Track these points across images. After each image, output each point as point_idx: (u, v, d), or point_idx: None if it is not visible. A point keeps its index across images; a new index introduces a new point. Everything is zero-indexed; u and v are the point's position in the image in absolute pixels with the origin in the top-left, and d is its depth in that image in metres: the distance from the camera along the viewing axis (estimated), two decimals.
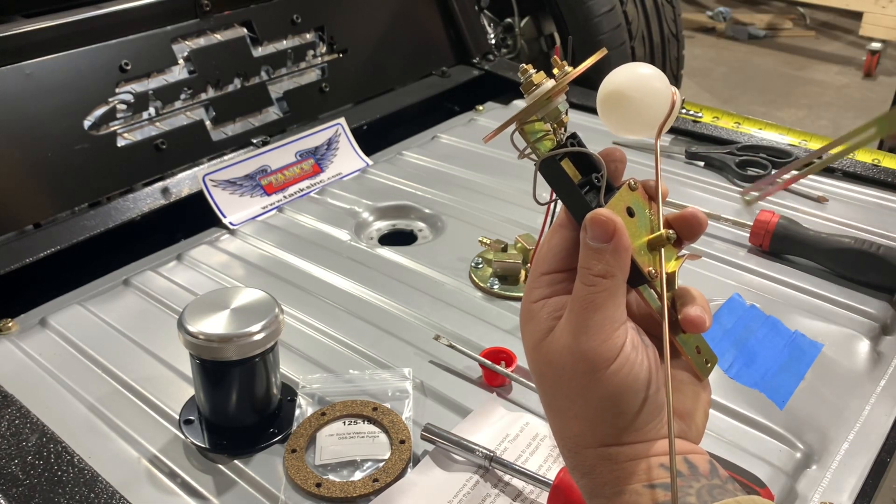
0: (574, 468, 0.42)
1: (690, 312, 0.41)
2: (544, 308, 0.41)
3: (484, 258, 0.89)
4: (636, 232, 0.41)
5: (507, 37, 1.61)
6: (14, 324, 0.79)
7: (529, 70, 0.41)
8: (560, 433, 0.42)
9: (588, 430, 0.40)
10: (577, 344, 0.39)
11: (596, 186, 0.41)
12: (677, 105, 0.42)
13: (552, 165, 0.41)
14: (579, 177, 0.41)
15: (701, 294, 0.42)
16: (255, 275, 0.88)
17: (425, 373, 0.73)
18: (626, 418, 0.39)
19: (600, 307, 0.39)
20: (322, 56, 1.23)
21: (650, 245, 0.41)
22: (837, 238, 0.85)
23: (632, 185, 0.42)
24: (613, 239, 0.39)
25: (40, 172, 0.93)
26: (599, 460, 0.40)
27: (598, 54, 0.42)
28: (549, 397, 0.42)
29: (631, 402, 0.39)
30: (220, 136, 1.10)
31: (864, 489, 0.61)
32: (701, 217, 0.42)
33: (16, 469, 0.59)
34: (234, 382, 0.64)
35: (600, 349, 0.38)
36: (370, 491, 0.60)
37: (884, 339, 0.78)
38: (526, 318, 0.42)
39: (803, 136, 1.14)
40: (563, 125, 0.42)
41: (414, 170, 1.12)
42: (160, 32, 1.05)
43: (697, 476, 0.39)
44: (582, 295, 0.39)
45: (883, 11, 3.61)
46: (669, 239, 0.41)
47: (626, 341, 0.39)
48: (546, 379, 0.41)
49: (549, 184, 0.42)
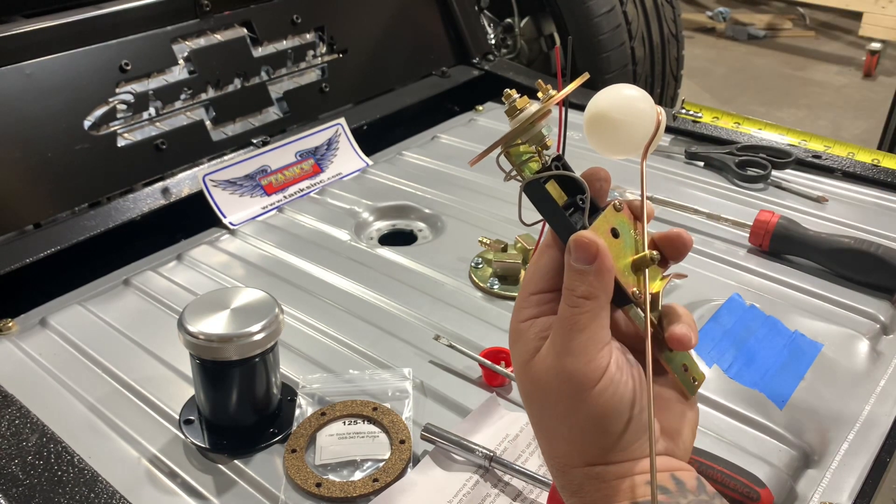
0: (562, 487, 0.42)
1: (676, 331, 0.41)
2: (532, 328, 0.41)
3: (484, 258, 0.89)
4: (621, 252, 0.41)
5: (507, 37, 1.61)
6: (14, 324, 0.79)
7: (513, 95, 0.42)
8: (548, 453, 0.42)
9: (574, 451, 0.40)
10: (562, 365, 0.39)
11: (581, 208, 0.41)
12: (662, 125, 0.42)
13: (537, 188, 0.41)
14: (564, 198, 0.42)
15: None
16: (255, 275, 0.89)
17: (425, 373, 0.73)
18: (612, 438, 0.39)
19: (584, 328, 0.39)
20: (322, 56, 1.23)
21: (635, 266, 0.42)
22: (837, 238, 0.85)
23: (617, 205, 0.42)
24: (596, 261, 0.39)
25: (40, 172, 0.93)
26: (587, 479, 0.40)
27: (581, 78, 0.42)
28: (537, 417, 0.42)
29: (616, 422, 0.39)
30: (220, 136, 1.10)
31: (864, 489, 0.61)
32: (686, 238, 0.42)
33: (16, 469, 0.59)
34: (234, 382, 0.64)
35: (584, 370, 0.39)
36: (370, 491, 0.60)
37: (883, 339, 0.78)
38: (514, 337, 0.43)
39: (803, 136, 1.14)
40: (546, 147, 0.42)
41: (414, 170, 1.12)
42: (160, 32, 1.05)
43: (685, 492, 0.39)
44: (566, 316, 0.39)
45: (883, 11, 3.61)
46: (654, 260, 0.41)
47: (610, 362, 0.39)
48: (533, 399, 0.42)
49: (535, 205, 0.42)
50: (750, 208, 0.98)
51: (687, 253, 0.43)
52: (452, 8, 1.41)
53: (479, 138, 1.21)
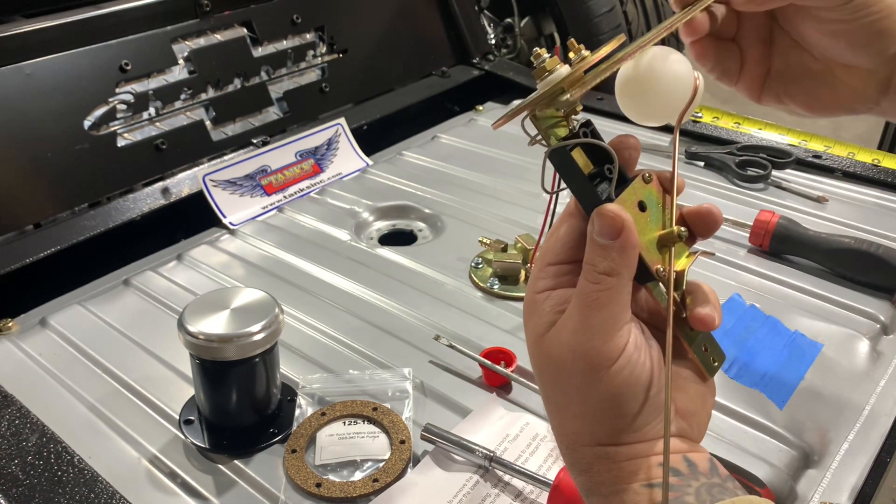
0: (571, 465, 0.41)
1: (700, 311, 0.40)
2: (547, 300, 0.40)
3: (484, 258, 0.89)
4: (647, 227, 0.39)
5: (507, 37, 1.61)
6: (14, 324, 0.79)
7: (543, 54, 0.39)
8: (558, 429, 0.42)
9: (586, 429, 0.40)
10: (578, 342, 0.38)
11: (608, 178, 0.39)
12: (700, 91, 0.40)
13: (562, 155, 0.39)
14: (591, 167, 0.39)
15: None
16: (255, 275, 0.88)
17: (425, 373, 0.72)
18: (625, 419, 0.38)
19: (604, 306, 0.38)
20: (322, 56, 1.23)
21: (661, 241, 0.40)
22: (837, 238, 0.85)
23: (646, 177, 0.40)
24: (621, 236, 0.37)
25: (40, 172, 0.93)
26: (597, 459, 0.39)
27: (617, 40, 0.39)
28: (549, 393, 0.41)
29: (630, 403, 0.38)
30: (220, 136, 1.10)
31: (864, 489, 0.61)
32: (716, 213, 0.41)
33: (16, 469, 0.59)
34: (234, 382, 0.64)
35: (602, 349, 0.38)
36: (370, 491, 0.60)
37: (883, 338, 0.78)
38: (529, 309, 0.41)
39: (803, 136, 1.14)
40: (576, 113, 0.40)
41: (414, 170, 1.12)
42: (160, 32, 1.05)
43: (697, 475, 0.39)
44: (586, 292, 0.38)
45: None
46: (681, 236, 0.39)
47: (628, 341, 0.38)
48: (546, 374, 0.41)
49: (559, 173, 0.40)
50: (750, 208, 0.98)
51: (717, 229, 0.41)
52: (452, 8, 1.41)
53: (479, 138, 1.21)
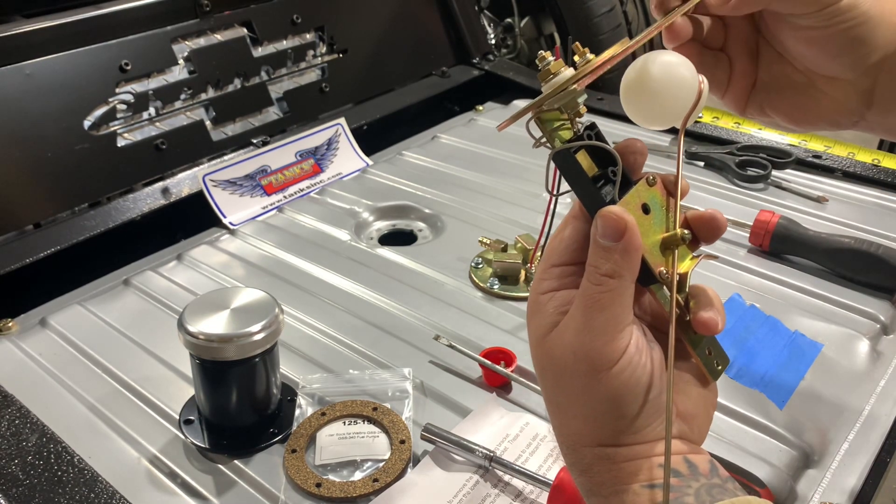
0: (572, 465, 0.42)
1: (704, 314, 0.40)
2: (551, 301, 0.40)
3: (484, 258, 0.89)
4: (650, 230, 0.40)
5: (507, 37, 1.61)
6: (14, 324, 0.79)
7: (548, 57, 0.39)
8: (559, 429, 0.42)
9: (586, 430, 0.40)
10: (580, 343, 0.38)
11: (612, 180, 0.40)
12: (704, 95, 0.40)
13: (566, 157, 0.39)
14: (595, 169, 0.40)
15: (715, 293, 0.41)
16: (255, 275, 0.88)
17: (425, 373, 0.72)
18: (626, 420, 0.39)
19: (606, 307, 0.38)
20: (322, 56, 1.23)
21: (664, 244, 0.40)
22: (837, 238, 0.85)
23: (650, 179, 0.41)
24: (624, 238, 0.38)
25: (40, 172, 0.93)
26: (597, 459, 0.40)
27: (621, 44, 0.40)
28: (550, 393, 0.41)
29: (631, 404, 0.38)
30: (220, 136, 1.10)
31: (864, 489, 0.61)
32: (720, 219, 0.41)
33: (16, 469, 0.59)
34: (234, 382, 0.64)
35: (603, 350, 0.38)
36: (370, 491, 0.60)
37: (883, 338, 0.78)
38: (532, 310, 0.41)
39: (803, 136, 1.14)
40: (580, 115, 0.40)
41: (414, 170, 1.12)
42: (160, 32, 1.05)
43: (697, 476, 0.39)
44: (588, 293, 0.38)
45: None
46: (684, 239, 0.40)
47: (630, 343, 0.38)
48: (548, 374, 0.41)
49: (564, 175, 0.40)
50: (750, 208, 0.98)
51: (720, 235, 0.42)
52: (452, 8, 1.41)
53: (479, 138, 1.21)
